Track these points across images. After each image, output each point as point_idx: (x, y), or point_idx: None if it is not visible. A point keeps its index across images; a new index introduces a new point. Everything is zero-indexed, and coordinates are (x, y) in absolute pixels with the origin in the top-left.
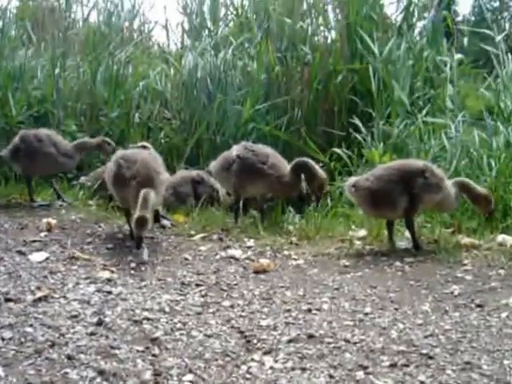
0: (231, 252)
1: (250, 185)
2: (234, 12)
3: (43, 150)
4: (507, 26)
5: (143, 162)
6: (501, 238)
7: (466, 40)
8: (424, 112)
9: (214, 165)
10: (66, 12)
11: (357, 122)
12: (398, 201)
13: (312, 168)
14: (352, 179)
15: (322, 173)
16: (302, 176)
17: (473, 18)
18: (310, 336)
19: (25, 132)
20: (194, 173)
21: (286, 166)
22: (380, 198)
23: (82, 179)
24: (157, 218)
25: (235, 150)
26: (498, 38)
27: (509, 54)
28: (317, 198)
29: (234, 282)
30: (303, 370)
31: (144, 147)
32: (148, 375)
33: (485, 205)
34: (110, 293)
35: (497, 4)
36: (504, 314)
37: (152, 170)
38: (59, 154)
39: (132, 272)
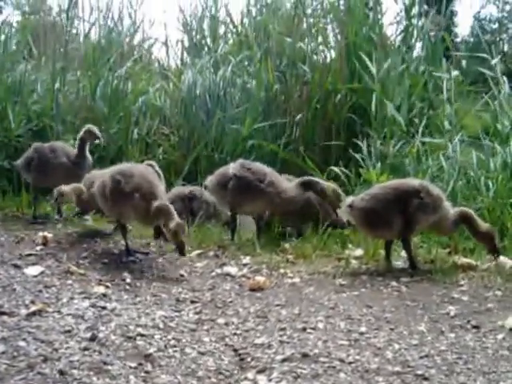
0: (227, 269)
1: (247, 204)
2: (234, 30)
3: (56, 160)
4: (506, 47)
5: (142, 176)
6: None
7: (464, 62)
8: (422, 132)
9: (210, 180)
10: (67, 27)
11: (355, 141)
12: (394, 221)
13: (318, 183)
14: (349, 199)
15: (327, 183)
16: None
17: (471, 40)
18: (305, 355)
19: (38, 144)
20: (186, 190)
21: (285, 184)
22: (375, 217)
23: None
24: (160, 230)
25: (231, 169)
26: (494, 61)
27: (504, 77)
28: (334, 208)
29: (229, 300)
30: None
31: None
32: None
33: (488, 241)
34: (104, 308)
35: (496, 26)
36: (500, 336)
37: (152, 183)
38: (71, 164)
39: (127, 288)
